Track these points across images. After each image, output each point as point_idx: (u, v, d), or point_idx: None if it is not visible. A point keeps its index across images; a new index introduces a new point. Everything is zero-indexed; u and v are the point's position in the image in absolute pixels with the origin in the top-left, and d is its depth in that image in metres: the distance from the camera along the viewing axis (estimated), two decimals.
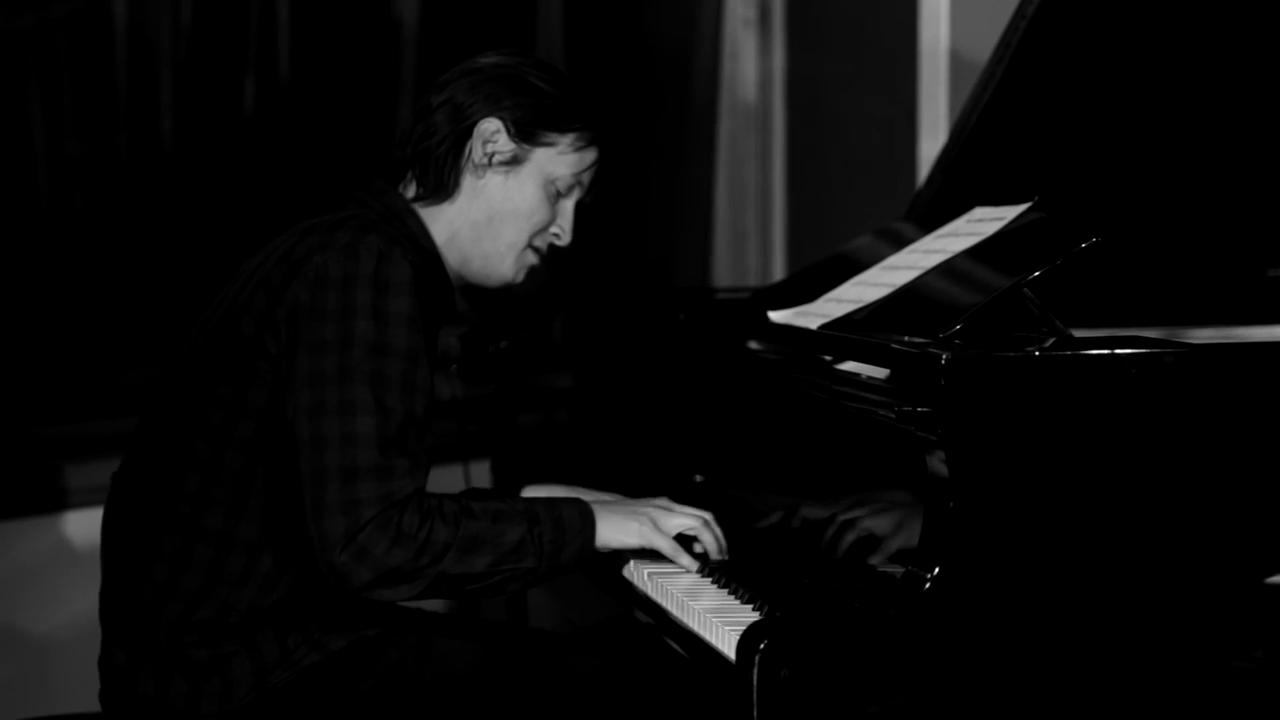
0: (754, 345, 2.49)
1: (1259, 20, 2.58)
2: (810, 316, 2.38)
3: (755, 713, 1.84)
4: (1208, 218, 2.85)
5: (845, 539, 2.21)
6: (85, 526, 3.36)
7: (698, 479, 2.70)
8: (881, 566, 2.13)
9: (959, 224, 2.40)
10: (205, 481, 2.11)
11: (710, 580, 2.19)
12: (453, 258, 2.28)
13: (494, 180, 2.25)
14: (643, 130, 4.27)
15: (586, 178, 2.30)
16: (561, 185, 2.27)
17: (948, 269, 2.26)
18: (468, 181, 2.26)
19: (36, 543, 3.38)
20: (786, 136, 4.28)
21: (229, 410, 2.10)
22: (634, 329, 2.99)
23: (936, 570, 1.91)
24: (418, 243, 2.23)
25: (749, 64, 4.28)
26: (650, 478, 2.52)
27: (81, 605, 3.31)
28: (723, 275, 4.35)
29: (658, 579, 2.20)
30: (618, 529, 2.18)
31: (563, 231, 2.30)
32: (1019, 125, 2.61)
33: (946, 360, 1.92)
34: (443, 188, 2.25)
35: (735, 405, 2.59)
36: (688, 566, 2.19)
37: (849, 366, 2.18)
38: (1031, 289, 2.13)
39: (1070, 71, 2.57)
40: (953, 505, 1.92)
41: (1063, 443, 1.96)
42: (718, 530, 2.22)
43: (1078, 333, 2.14)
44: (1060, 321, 2.13)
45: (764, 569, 2.21)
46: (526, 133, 2.24)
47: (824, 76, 4.12)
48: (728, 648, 1.94)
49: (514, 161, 2.25)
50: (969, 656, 1.93)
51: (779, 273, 4.27)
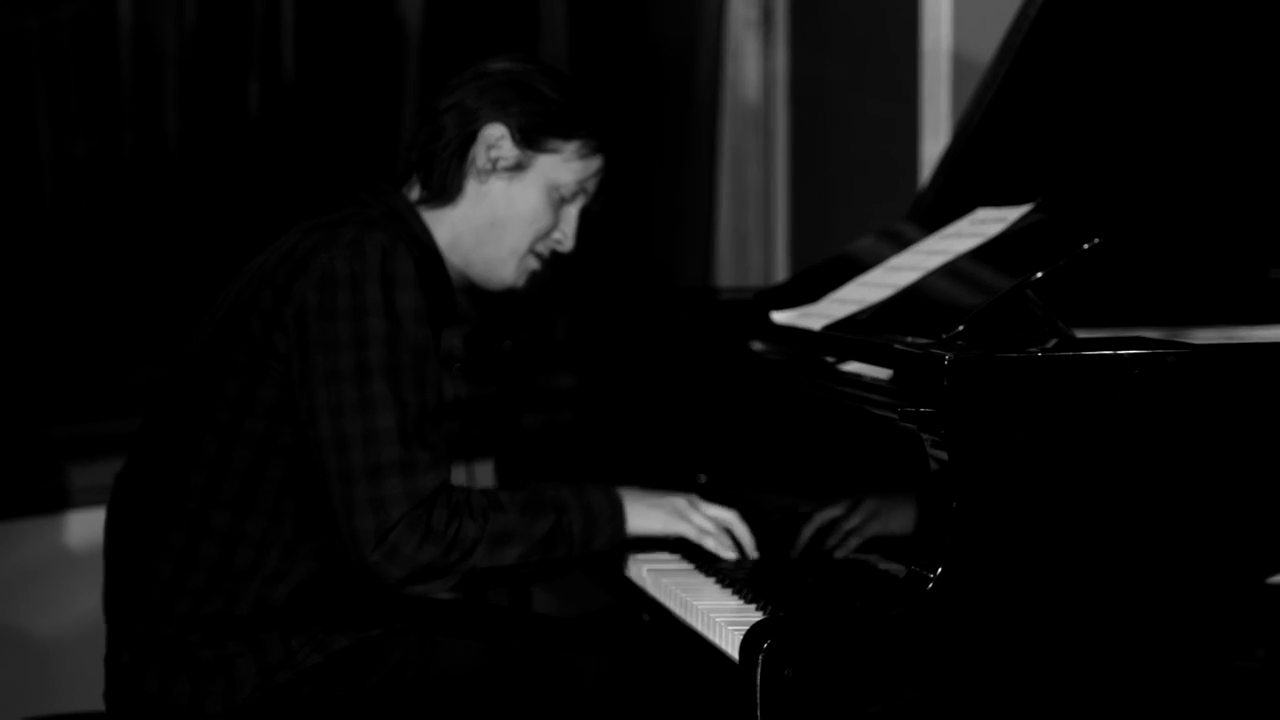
0: (757, 346, 2.50)
1: (1261, 21, 2.58)
2: (813, 317, 2.38)
3: (759, 712, 1.85)
4: (1210, 218, 2.85)
5: (848, 539, 2.22)
6: (91, 526, 3.36)
7: (701, 479, 2.71)
8: (884, 566, 2.14)
9: (962, 225, 2.41)
10: (212, 479, 2.12)
11: (713, 579, 2.19)
12: (455, 260, 2.29)
13: (497, 185, 2.26)
14: (645, 131, 4.27)
15: (591, 185, 2.31)
16: (565, 192, 2.28)
17: (950, 270, 2.26)
18: (471, 186, 2.27)
19: (42, 542, 3.39)
20: (789, 137, 4.28)
21: (236, 408, 2.11)
22: (637, 329, 2.99)
23: (939, 570, 1.92)
24: (419, 241, 2.25)
25: (751, 65, 4.29)
26: (654, 478, 2.52)
27: (86, 605, 3.32)
28: (725, 276, 4.35)
29: (660, 578, 2.21)
30: (644, 517, 2.21)
31: (565, 238, 2.31)
32: (1021, 126, 2.61)
33: (949, 361, 1.93)
34: (446, 191, 2.26)
35: (738, 406, 2.59)
36: (714, 549, 2.23)
37: (852, 367, 2.19)
38: (1034, 290, 2.13)
39: (1073, 72, 2.58)
40: (955, 505, 1.93)
41: (1065, 443, 1.96)
42: (744, 529, 2.26)
43: (1080, 333, 2.15)
44: (1063, 322, 2.13)
45: (768, 569, 2.21)
46: (531, 139, 2.25)
47: (826, 77, 4.13)
48: (731, 647, 1.94)
49: (518, 167, 2.26)
50: (972, 656, 1.94)
51: (781, 273, 4.28)
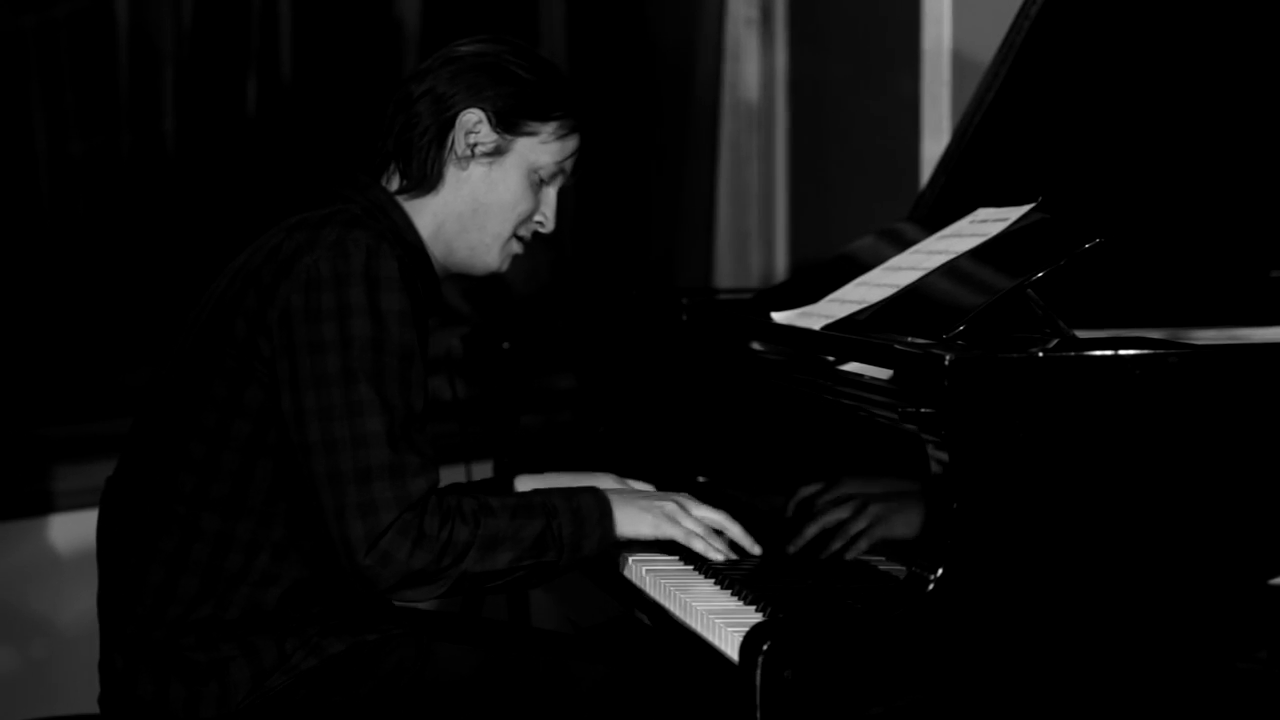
0: (757, 346, 2.49)
1: (1262, 21, 2.58)
2: (813, 317, 2.37)
3: (758, 714, 1.84)
4: (1211, 219, 2.85)
5: (847, 540, 2.21)
6: (82, 528, 3.35)
7: (700, 480, 2.70)
8: (884, 567, 2.13)
9: (962, 225, 2.40)
10: (201, 482, 2.11)
11: (712, 581, 2.19)
12: (438, 249, 2.28)
13: (477, 171, 2.25)
14: (645, 131, 4.27)
15: (569, 165, 2.31)
16: (545, 173, 2.28)
17: (951, 270, 2.25)
18: (451, 173, 2.25)
19: (36, 544, 3.38)
20: (789, 137, 4.28)
21: (224, 410, 2.10)
22: (637, 330, 2.98)
23: (940, 571, 1.91)
24: (403, 237, 2.23)
25: (751, 64, 4.28)
26: (653, 478, 2.51)
27: (79, 607, 3.31)
28: (725, 276, 4.34)
29: (659, 579, 2.20)
30: (633, 520, 2.19)
31: (546, 219, 2.31)
32: (1022, 126, 2.60)
33: (950, 361, 1.92)
34: (426, 180, 2.25)
35: (738, 406, 2.58)
36: (702, 552, 2.19)
37: (852, 367, 2.18)
38: (1035, 290, 2.13)
39: (1074, 72, 2.57)
40: (956, 506, 1.92)
41: (1066, 444, 1.95)
42: (738, 528, 2.23)
43: (1081, 334, 2.14)
44: (1064, 322, 2.13)
45: (767, 570, 2.21)
46: (508, 123, 2.24)
47: (826, 77, 4.12)
48: (731, 649, 1.93)
49: (497, 152, 2.25)
50: (972, 658, 1.93)
51: (781, 273, 4.27)
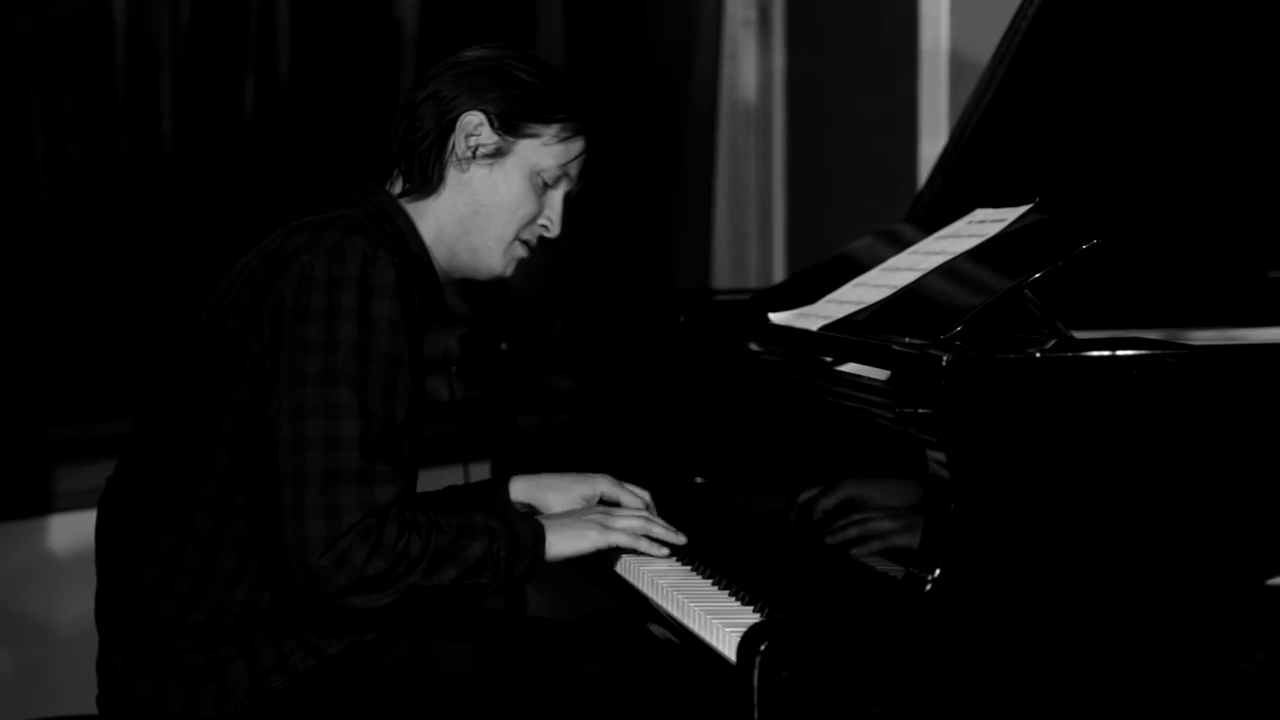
0: (754, 346, 2.49)
1: (1260, 22, 2.58)
2: (811, 318, 2.37)
3: (756, 714, 1.84)
4: (1208, 219, 2.85)
5: (846, 540, 2.21)
6: (81, 529, 3.35)
7: (698, 480, 2.70)
8: (882, 568, 2.13)
9: (960, 225, 2.40)
10: (194, 481, 2.11)
11: (710, 581, 2.19)
12: (441, 254, 2.28)
13: (479, 173, 2.24)
14: (643, 132, 4.27)
15: (574, 169, 2.29)
16: (548, 177, 2.27)
17: (948, 270, 2.25)
18: (452, 175, 2.25)
19: (34, 544, 3.38)
20: (787, 138, 4.28)
21: (216, 408, 2.10)
22: (634, 330, 2.98)
23: (937, 572, 1.91)
24: (406, 244, 2.23)
25: (749, 65, 4.28)
26: (650, 479, 2.51)
27: (79, 607, 3.31)
28: (723, 276, 4.34)
29: (657, 580, 2.20)
30: (565, 540, 2.21)
31: (551, 223, 2.30)
32: (1020, 127, 2.60)
33: (947, 362, 1.92)
34: (428, 182, 2.24)
35: (736, 407, 2.58)
36: (647, 552, 2.26)
37: (850, 368, 2.18)
38: (1032, 290, 2.13)
39: (1071, 73, 2.57)
40: (953, 507, 1.92)
41: (1064, 444, 1.95)
42: (659, 525, 2.28)
43: (1079, 334, 2.14)
44: (1061, 323, 2.13)
45: (764, 570, 2.21)
46: (510, 125, 2.23)
47: (824, 78, 4.12)
48: (728, 649, 1.93)
49: (498, 154, 2.24)
50: (970, 658, 1.93)
51: (779, 274, 4.27)
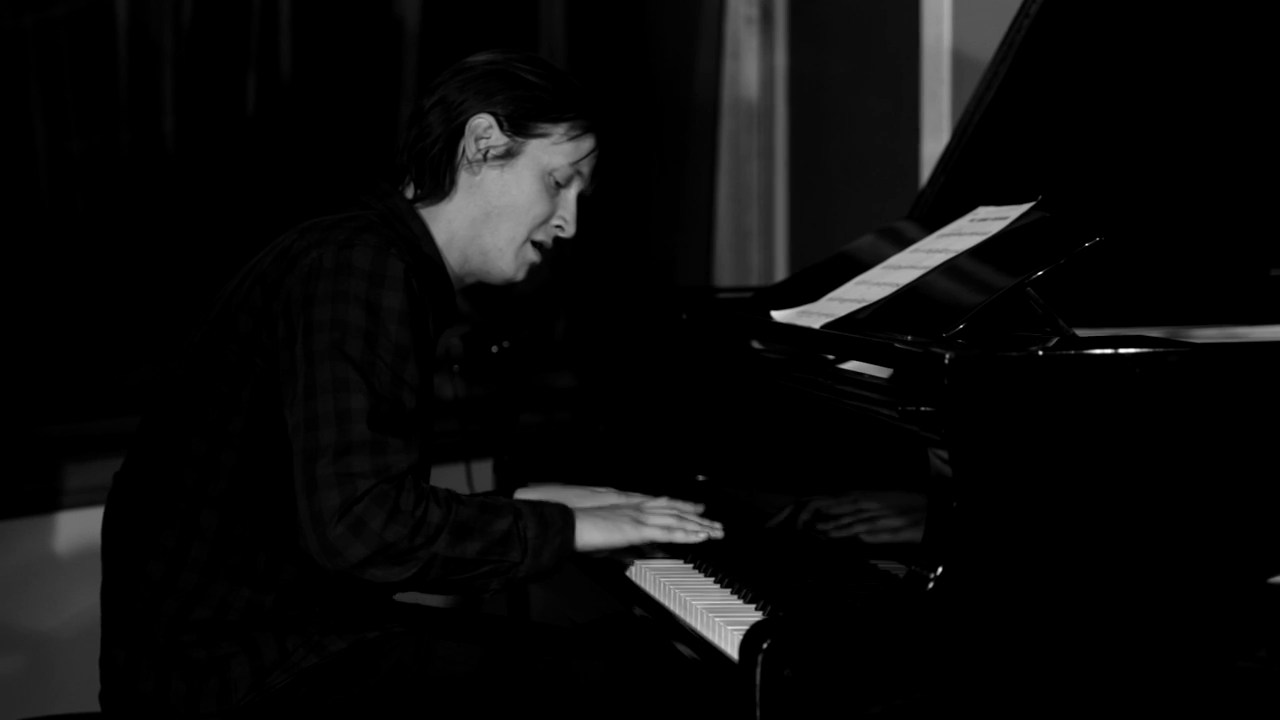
0: (757, 345, 2.49)
1: (1262, 20, 2.58)
2: (813, 316, 2.37)
3: (758, 712, 1.84)
4: (1210, 217, 2.85)
5: (848, 538, 2.21)
6: (86, 526, 3.35)
7: (700, 478, 2.70)
8: (884, 566, 2.13)
9: (962, 223, 2.40)
10: (201, 479, 2.11)
11: (713, 579, 2.19)
12: (453, 258, 2.28)
13: (490, 175, 2.25)
14: (645, 130, 4.27)
15: (585, 167, 2.29)
16: (560, 176, 2.26)
17: (951, 268, 2.25)
18: (463, 179, 2.25)
19: (38, 542, 3.38)
20: (789, 136, 4.28)
21: (225, 407, 2.10)
22: (636, 328, 2.98)
23: (939, 570, 1.91)
24: (419, 246, 2.23)
25: (751, 63, 4.28)
26: (653, 477, 2.51)
27: (82, 605, 3.31)
28: (725, 275, 4.34)
29: (660, 578, 2.20)
30: (598, 530, 2.17)
31: (565, 223, 2.29)
32: (1022, 124, 2.60)
33: (950, 360, 1.92)
34: (439, 187, 2.24)
35: (738, 405, 2.59)
36: (685, 541, 2.21)
37: (852, 366, 2.18)
38: (1035, 288, 2.13)
39: (1073, 70, 2.57)
40: (956, 505, 1.92)
41: (1066, 442, 1.95)
42: (693, 522, 2.23)
43: (1081, 332, 2.14)
44: (1064, 321, 2.13)
45: (767, 568, 2.21)
46: (519, 125, 2.23)
47: (826, 75, 4.12)
48: (730, 647, 1.93)
49: (508, 155, 2.24)
50: (972, 656, 1.93)
51: (781, 272, 4.27)
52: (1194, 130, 2.70)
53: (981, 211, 2.40)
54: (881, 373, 2.07)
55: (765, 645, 1.84)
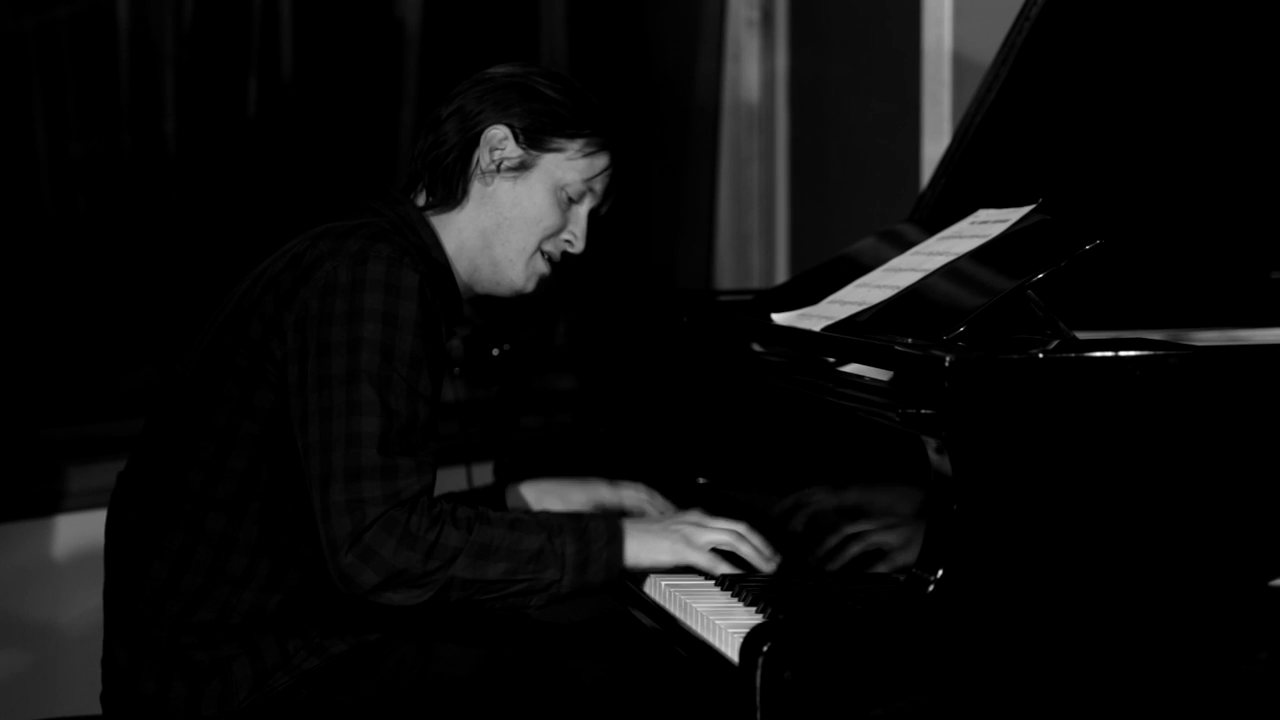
0: (757, 347, 2.49)
1: (1261, 23, 2.58)
2: (813, 318, 2.37)
3: (758, 715, 1.84)
4: (1211, 220, 2.85)
5: (848, 541, 2.21)
6: (88, 529, 3.35)
7: (701, 481, 2.70)
8: (884, 569, 2.13)
9: (963, 226, 2.40)
10: (208, 481, 2.11)
11: (712, 582, 2.19)
12: (463, 267, 2.28)
13: (503, 186, 2.25)
14: (645, 132, 4.27)
15: (599, 184, 2.29)
16: (572, 192, 2.27)
17: (951, 271, 2.25)
18: (476, 189, 2.26)
19: (40, 544, 3.38)
20: (789, 138, 4.28)
21: (234, 411, 2.10)
22: (637, 331, 2.98)
23: (940, 573, 1.91)
24: (429, 254, 2.24)
25: (752, 65, 4.28)
26: (654, 480, 2.51)
27: (85, 607, 3.31)
28: (726, 277, 4.34)
29: (660, 581, 2.20)
30: (649, 547, 2.15)
31: (575, 238, 2.30)
32: (1023, 127, 2.60)
33: (950, 362, 1.92)
34: (451, 196, 2.25)
35: (738, 407, 2.59)
36: (726, 572, 2.16)
37: (852, 368, 2.18)
38: (1035, 291, 2.13)
39: (1074, 73, 2.57)
40: (956, 508, 1.92)
41: (1066, 445, 1.95)
42: (756, 539, 2.18)
43: (1082, 335, 2.14)
44: (1064, 324, 2.13)
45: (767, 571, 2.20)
46: (534, 139, 2.24)
47: (827, 78, 4.12)
48: (730, 650, 1.93)
49: (522, 167, 2.25)
50: (972, 659, 1.93)
51: (782, 275, 4.27)
52: (1194, 133, 2.70)
53: (982, 214, 2.40)
54: (882, 375, 2.07)
55: (766, 648, 1.84)
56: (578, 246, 2.30)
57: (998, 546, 1.93)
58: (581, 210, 2.29)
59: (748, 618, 2.02)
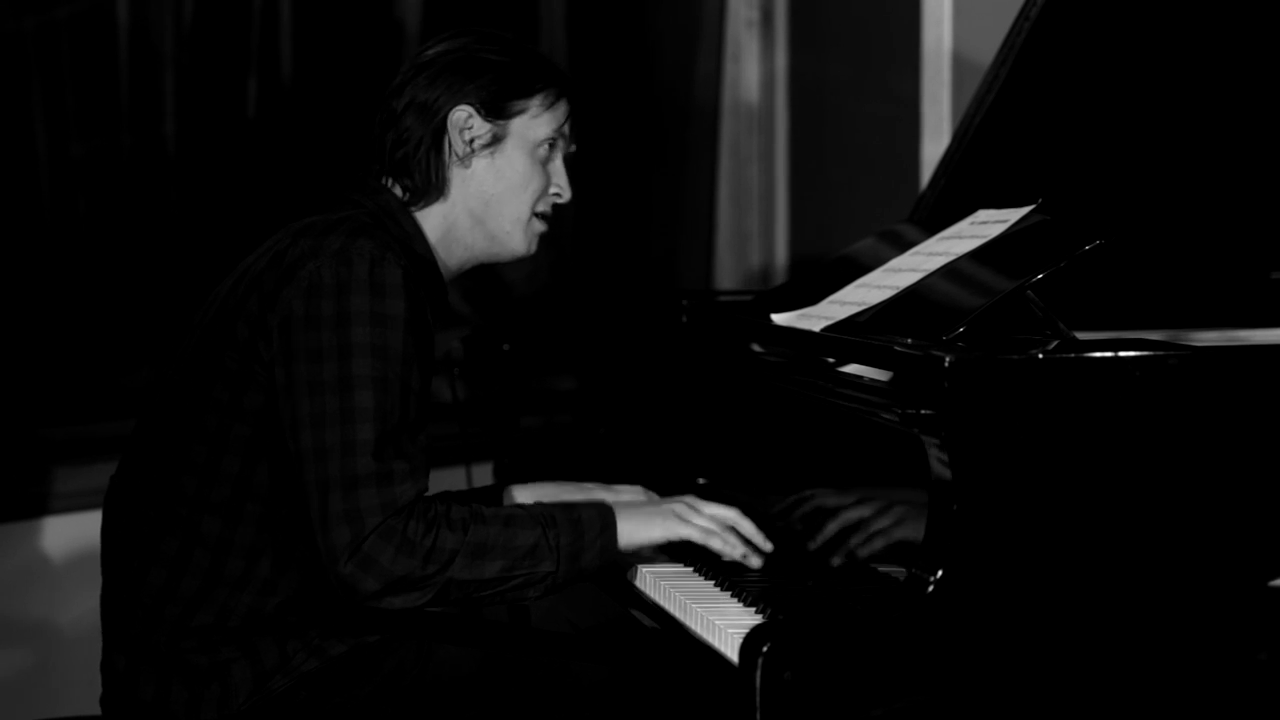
0: (757, 347, 2.49)
1: (1261, 23, 2.58)
2: (813, 319, 2.37)
3: (758, 715, 1.84)
4: (1211, 220, 2.85)
5: (848, 541, 2.21)
6: (83, 530, 3.35)
7: (701, 481, 2.70)
8: (884, 569, 2.13)
9: (962, 226, 2.40)
10: (202, 485, 2.11)
11: (712, 583, 2.19)
12: (455, 250, 2.27)
13: (480, 164, 2.25)
14: (645, 132, 4.27)
15: (568, 129, 2.30)
16: (547, 146, 2.28)
17: (951, 271, 2.25)
18: (456, 174, 2.25)
19: (35, 545, 3.38)
20: (789, 138, 4.28)
21: (224, 414, 2.10)
22: (637, 331, 2.98)
23: (940, 573, 1.91)
24: (410, 246, 2.23)
25: (751, 66, 4.28)
26: (653, 480, 2.51)
27: (83, 608, 3.31)
28: (725, 277, 4.34)
29: (660, 581, 2.20)
30: (643, 525, 2.15)
31: (561, 189, 2.30)
32: (1022, 127, 2.60)
33: (950, 363, 1.92)
34: (432, 188, 2.24)
35: (738, 407, 2.59)
36: (719, 549, 2.17)
37: (852, 369, 2.18)
38: (1035, 291, 2.13)
39: (1074, 73, 2.57)
40: (956, 508, 1.92)
41: (1066, 445, 1.95)
42: (748, 524, 2.19)
43: (1081, 335, 2.14)
44: (1064, 324, 2.13)
45: (767, 571, 2.21)
46: (497, 109, 2.24)
47: (827, 78, 4.12)
48: (730, 650, 1.93)
49: (494, 140, 2.25)
50: (972, 659, 1.93)
51: (782, 275, 4.27)
52: (1194, 133, 2.70)
53: (982, 214, 2.40)
54: (882, 375, 2.07)
55: (765, 648, 1.84)
56: (566, 195, 2.31)
57: (997, 547, 1.93)
58: (558, 161, 2.30)
59: (748, 618, 2.02)
